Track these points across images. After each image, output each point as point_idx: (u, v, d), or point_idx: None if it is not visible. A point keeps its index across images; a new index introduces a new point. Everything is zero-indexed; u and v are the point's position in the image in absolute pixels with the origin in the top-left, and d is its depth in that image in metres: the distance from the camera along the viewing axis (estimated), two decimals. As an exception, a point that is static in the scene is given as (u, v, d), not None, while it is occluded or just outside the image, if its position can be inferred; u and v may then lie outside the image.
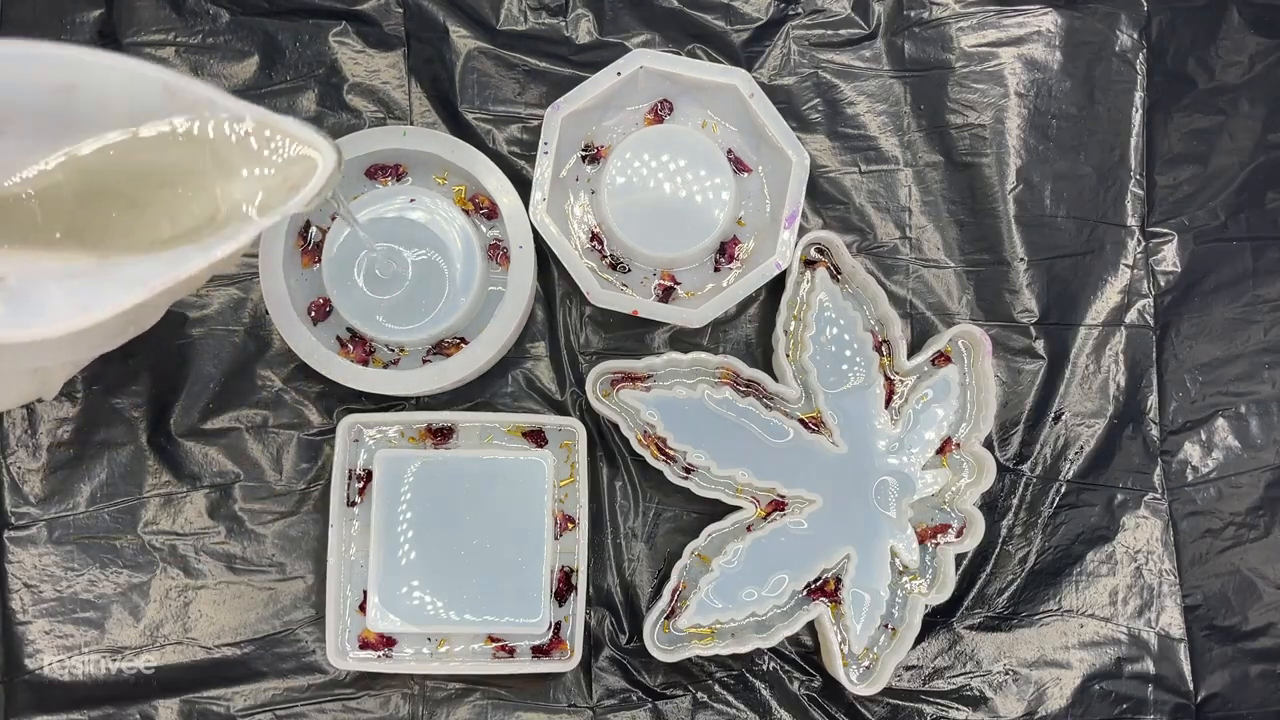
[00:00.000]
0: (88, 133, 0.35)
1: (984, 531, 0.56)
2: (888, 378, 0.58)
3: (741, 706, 0.57)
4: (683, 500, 0.58)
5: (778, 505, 0.57)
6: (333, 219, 0.55)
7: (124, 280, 0.29)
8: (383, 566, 0.55)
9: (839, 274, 0.59)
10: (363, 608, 0.55)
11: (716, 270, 0.59)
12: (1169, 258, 0.61)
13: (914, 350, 0.58)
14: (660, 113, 0.59)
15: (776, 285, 0.58)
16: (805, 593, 0.56)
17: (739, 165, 0.59)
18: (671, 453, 0.56)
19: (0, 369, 0.37)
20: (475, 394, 0.59)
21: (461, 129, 0.59)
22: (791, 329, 0.58)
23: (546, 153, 0.57)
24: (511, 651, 0.56)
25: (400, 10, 0.60)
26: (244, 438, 0.58)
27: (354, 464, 0.56)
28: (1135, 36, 0.61)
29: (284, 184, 0.35)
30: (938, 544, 0.57)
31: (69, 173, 0.35)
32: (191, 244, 0.33)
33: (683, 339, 0.60)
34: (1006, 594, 0.59)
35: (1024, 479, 0.60)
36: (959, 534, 0.57)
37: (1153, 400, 0.60)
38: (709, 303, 0.56)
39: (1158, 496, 0.60)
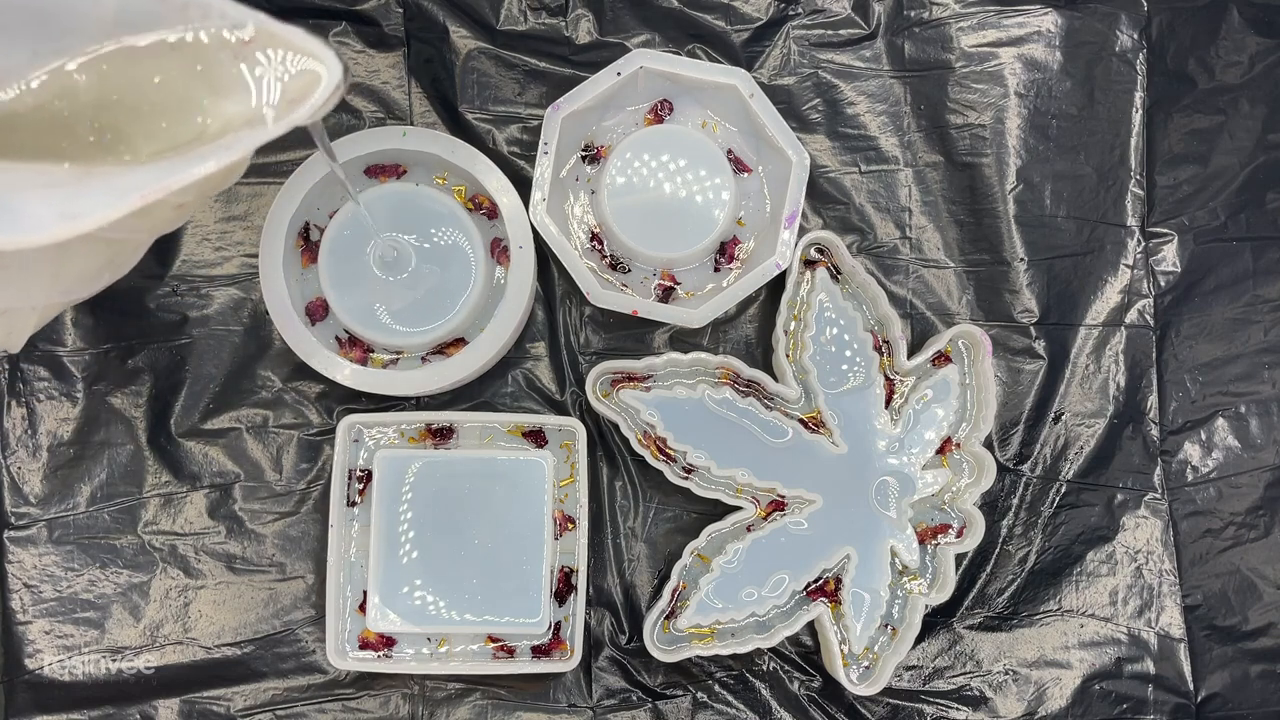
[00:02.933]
0: (75, 42, 0.32)
1: (984, 531, 0.56)
2: (888, 378, 0.58)
3: (741, 706, 0.57)
4: (683, 500, 0.58)
5: (778, 505, 0.57)
6: (331, 216, 0.55)
7: (111, 189, 0.26)
8: (383, 566, 0.55)
9: (839, 274, 0.59)
10: (363, 608, 0.55)
11: (716, 270, 0.59)
12: (1169, 258, 0.61)
13: (914, 350, 0.58)
14: (660, 113, 0.59)
15: (776, 285, 0.58)
16: (805, 593, 0.56)
17: (739, 165, 0.59)
18: (671, 453, 0.56)
19: None
20: (475, 394, 0.59)
21: (461, 129, 0.59)
22: (791, 329, 0.58)
23: (546, 153, 0.57)
24: (511, 651, 0.56)
25: (400, 10, 0.60)
26: (244, 438, 0.58)
27: (354, 464, 0.56)
28: (1135, 36, 0.61)
29: (284, 98, 0.32)
30: (938, 544, 0.57)
31: (54, 87, 0.32)
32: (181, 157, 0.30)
33: (683, 339, 0.60)
34: (1006, 594, 0.59)
35: (1024, 479, 0.60)
36: (959, 534, 0.57)
37: (1153, 400, 0.60)
38: (709, 303, 0.56)
39: (1158, 496, 0.60)
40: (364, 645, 0.55)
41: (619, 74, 0.56)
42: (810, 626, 0.57)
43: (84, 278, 0.34)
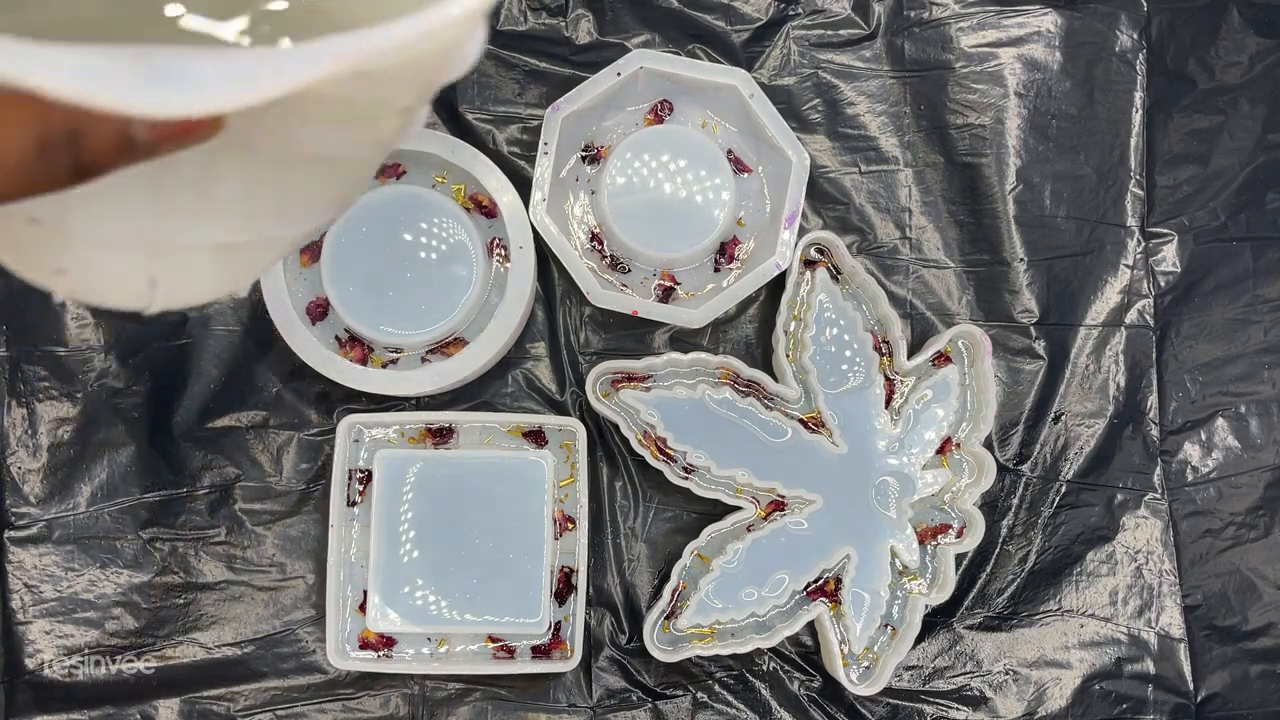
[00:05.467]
0: None
1: (984, 531, 0.56)
2: (888, 378, 0.58)
3: (741, 706, 0.57)
4: (683, 500, 0.58)
5: (778, 505, 0.57)
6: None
7: (298, 56, 0.21)
8: (383, 566, 0.55)
9: (839, 274, 0.59)
10: (363, 608, 0.55)
11: (716, 270, 0.59)
12: (1169, 258, 0.61)
13: (914, 350, 0.58)
14: (660, 113, 0.59)
15: (776, 285, 0.58)
16: (805, 593, 0.56)
17: (739, 165, 0.59)
18: (671, 453, 0.56)
19: (185, 240, 0.28)
20: (475, 394, 0.59)
21: (461, 129, 0.59)
22: (791, 329, 0.58)
23: (546, 153, 0.57)
24: (511, 651, 0.56)
25: (400, 10, 0.60)
26: (244, 438, 0.58)
27: (354, 464, 0.56)
28: (1135, 36, 0.61)
29: None
30: (938, 544, 0.57)
31: None
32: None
33: (683, 339, 0.60)
34: (1006, 594, 0.59)
35: (1024, 479, 0.60)
36: (959, 534, 0.57)
37: (1153, 400, 0.60)
38: (709, 303, 0.56)
39: (1158, 496, 0.60)
40: (364, 645, 0.55)
41: (619, 74, 0.56)
42: (810, 626, 0.57)
43: (311, 208, 0.30)
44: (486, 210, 0.57)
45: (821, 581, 0.56)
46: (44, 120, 0.20)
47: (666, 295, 0.59)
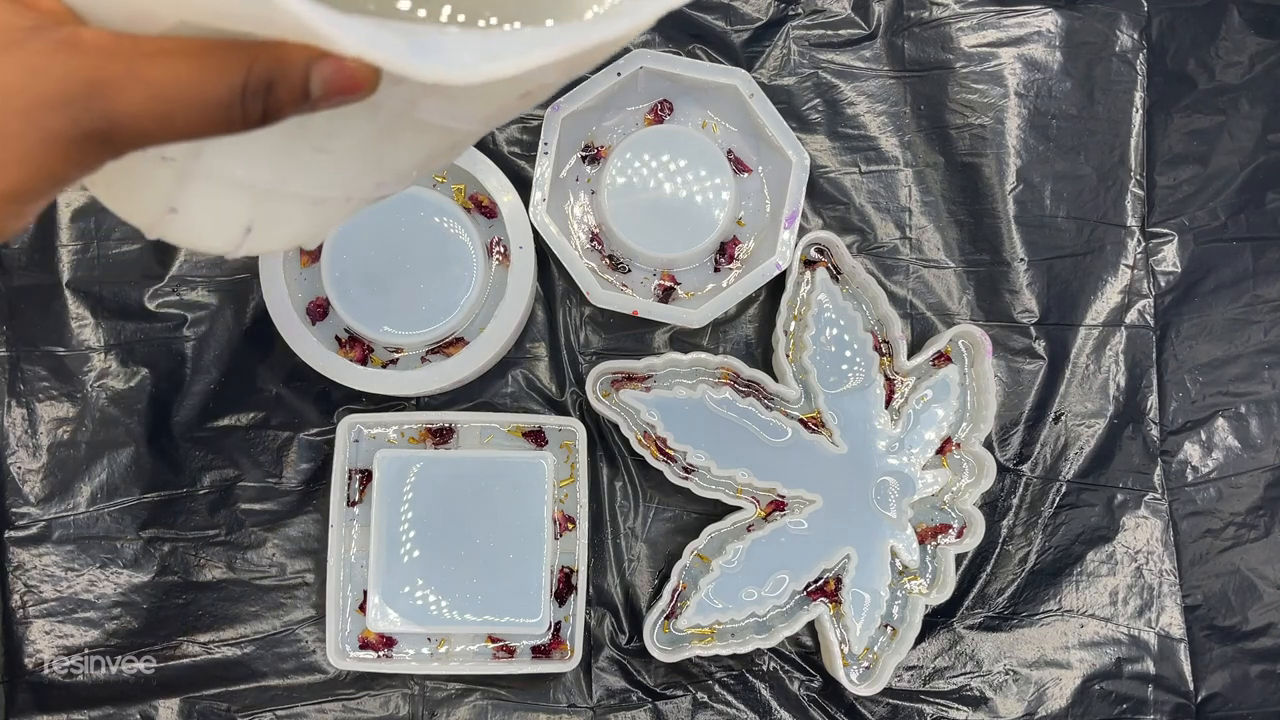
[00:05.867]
0: None
1: (984, 531, 0.56)
2: (888, 378, 0.58)
3: (741, 706, 0.57)
4: (683, 500, 0.58)
5: (778, 505, 0.57)
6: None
7: (525, 39, 0.23)
8: (383, 566, 0.55)
9: (839, 274, 0.59)
10: (363, 608, 0.55)
11: (716, 270, 0.59)
12: (1169, 258, 0.61)
13: (914, 350, 0.58)
14: (660, 113, 0.59)
15: (776, 285, 0.58)
16: (805, 593, 0.56)
17: (739, 165, 0.59)
18: (671, 453, 0.56)
19: (292, 189, 0.30)
20: (475, 394, 0.59)
21: (461, 129, 0.59)
22: (791, 329, 0.58)
23: (546, 153, 0.57)
24: (511, 652, 0.56)
25: (400, 10, 0.60)
26: (244, 438, 0.58)
27: (354, 464, 0.56)
28: (1135, 36, 0.61)
29: None
30: (938, 544, 0.57)
31: None
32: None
33: (683, 339, 0.60)
34: (1006, 594, 0.59)
35: (1024, 479, 0.60)
36: (959, 534, 0.57)
37: (1153, 400, 0.60)
38: (709, 303, 0.56)
39: (1158, 496, 0.60)
40: (364, 645, 0.55)
41: (619, 74, 0.56)
42: (810, 626, 0.57)
43: (400, 171, 0.32)
44: (486, 210, 0.57)
45: (821, 581, 0.56)
46: (249, 68, 0.23)
47: (666, 295, 0.59)
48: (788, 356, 0.57)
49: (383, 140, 0.29)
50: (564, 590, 0.56)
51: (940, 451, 0.58)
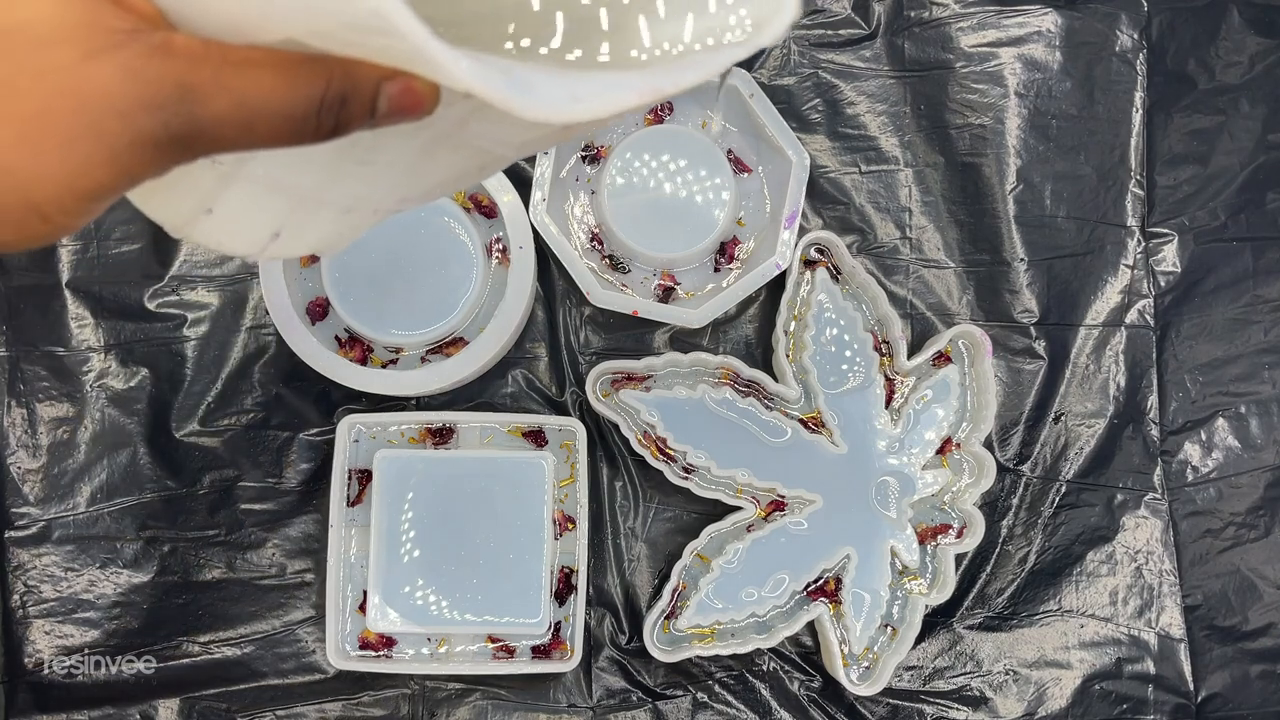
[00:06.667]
0: None
1: (984, 531, 0.56)
2: (888, 378, 0.58)
3: (741, 706, 0.57)
4: (683, 500, 0.58)
5: (778, 505, 0.57)
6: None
7: (604, 83, 0.25)
8: (383, 566, 0.55)
9: (839, 274, 0.59)
10: (363, 608, 0.55)
11: (716, 270, 0.59)
12: (1169, 258, 0.61)
13: (914, 350, 0.58)
14: (660, 113, 0.59)
15: (776, 285, 0.58)
16: (805, 593, 0.56)
17: (739, 165, 0.59)
18: (671, 453, 0.56)
19: (328, 197, 0.31)
20: (475, 394, 0.59)
21: (461, 129, 0.59)
22: (791, 329, 0.58)
23: (546, 153, 0.57)
24: (511, 652, 0.56)
25: (400, 10, 0.60)
26: (244, 438, 0.58)
27: (354, 464, 0.56)
28: (1135, 36, 0.61)
29: (752, 19, 0.30)
30: (938, 544, 0.57)
31: None
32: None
33: (683, 339, 0.60)
34: (1006, 594, 0.59)
35: (1024, 479, 0.60)
36: (959, 534, 0.57)
37: (1153, 400, 0.60)
38: (709, 303, 0.56)
39: (1158, 496, 0.60)
40: (364, 645, 0.55)
41: (619, 74, 0.56)
42: (810, 626, 0.57)
43: (428, 187, 0.33)
44: (486, 210, 0.57)
45: (821, 581, 0.56)
46: (328, 84, 0.24)
47: (666, 295, 0.59)
48: (788, 356, 0.57)
49: (423, 157, 0.30)
50: (564, 590, 0.56)
51: (940, 451, 0.58)
